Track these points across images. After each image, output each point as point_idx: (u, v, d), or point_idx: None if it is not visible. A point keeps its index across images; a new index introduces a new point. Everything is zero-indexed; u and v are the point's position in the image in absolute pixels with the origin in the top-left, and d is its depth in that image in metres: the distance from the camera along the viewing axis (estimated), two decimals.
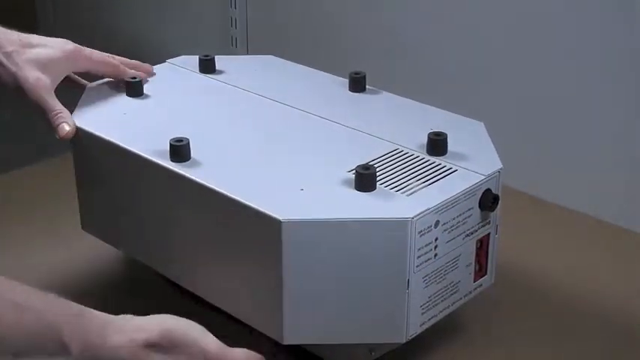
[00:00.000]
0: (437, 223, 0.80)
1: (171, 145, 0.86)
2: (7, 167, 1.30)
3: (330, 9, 1.61)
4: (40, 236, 1.13)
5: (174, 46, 1.84)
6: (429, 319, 0.84)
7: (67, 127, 0.92)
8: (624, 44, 1.20)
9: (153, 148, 0.88)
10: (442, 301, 0.85)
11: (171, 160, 0.86)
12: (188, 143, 0.86)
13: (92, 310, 0.78)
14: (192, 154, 0.86)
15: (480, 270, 0.88)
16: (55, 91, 0.96)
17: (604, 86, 1.24)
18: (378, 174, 0.82)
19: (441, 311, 0.85)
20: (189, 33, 1.88)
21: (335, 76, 1.06)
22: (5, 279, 0.75)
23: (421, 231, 0.79)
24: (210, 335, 0.80)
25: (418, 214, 0.78)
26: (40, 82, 0.93)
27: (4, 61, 0.93)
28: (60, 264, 1.06)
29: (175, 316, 0.81)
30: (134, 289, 1.02)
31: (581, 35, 1.25)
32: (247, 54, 1.75)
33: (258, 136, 0.93)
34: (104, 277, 1.06)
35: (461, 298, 0.87)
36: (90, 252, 1.08)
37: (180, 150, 0.86)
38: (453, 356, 0.93)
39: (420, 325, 0.83)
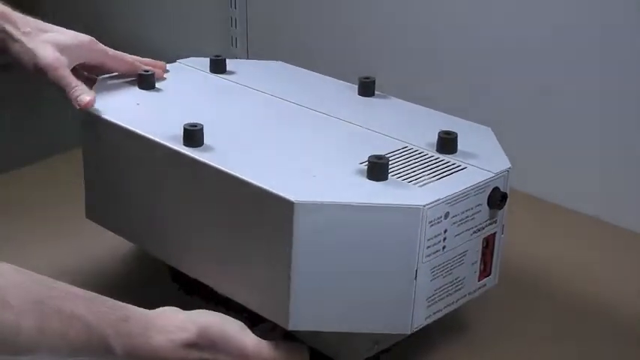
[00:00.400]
0: (447, 215, 0.81)
1: (185, 129, 0.86)
2: (7, 167, 1.30)
3: (331, 9, 1.61)
4: (40, 236, 1.13)
5: (174, 45, 1.83)
6: (434, 313, 0.84)
7: (87, 97, 0.93)
8: (626, 44, 1.21)
9: (166, 133, 0.88)
10: (447, 296, 0.85)
11: (185, 145, 0.86)
12: (202, 129, 0.87)
13: (133, 308, 0.79)
14: (205, 141, 0.87)
15: (485, 270, 0.89)
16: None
17: (604, 86, 1.24)
18: (389, 166, 0.83)
19: (445, 306, 0.85)
20: (189, 33, 1.87)
21: (344, 82, 1.07)
22: (46, 280, 0.75)
23: (431, 221, 0.80)
24: (248, 331, 0.82)
25: (430, 203, 0.79)
26: (59, 60, 0.94)
27: (22, 39, 0.94)
28: (60, 264, 1.06)
29: (214, 313, 0.83)
30: (134, 289, 1.02)
31: (581, 35, 1.26)
32: (247, 54, 1.74)
33: (270, 130, 0.93)
34: (104, 277, 1.06)
35: (465, 296, 0.87)
36: (90, 252, 1.09)
37: (194, 134, 0.86)
38: (454, 356, 0.93)
39: (425, 319, 0.83)
